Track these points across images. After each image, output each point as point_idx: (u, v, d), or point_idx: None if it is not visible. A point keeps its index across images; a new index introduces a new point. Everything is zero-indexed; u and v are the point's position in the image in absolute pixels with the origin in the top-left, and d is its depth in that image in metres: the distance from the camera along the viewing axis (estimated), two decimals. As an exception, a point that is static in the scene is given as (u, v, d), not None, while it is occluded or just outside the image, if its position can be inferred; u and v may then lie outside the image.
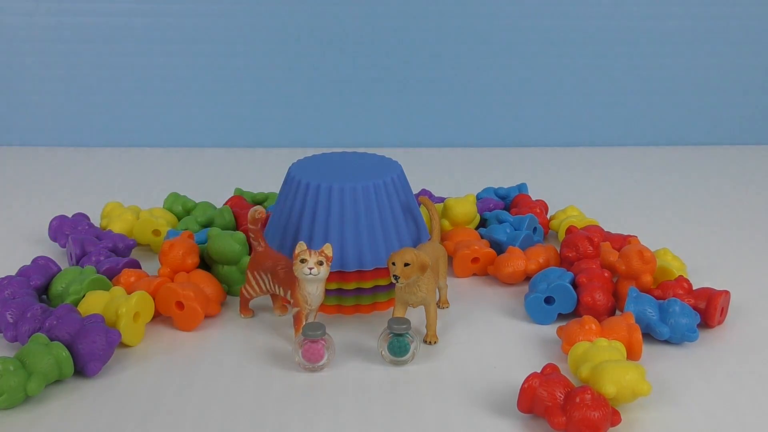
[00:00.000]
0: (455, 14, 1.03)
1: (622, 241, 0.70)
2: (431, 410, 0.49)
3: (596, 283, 0.60)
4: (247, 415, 0.48)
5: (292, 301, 0.55)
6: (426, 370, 0.54)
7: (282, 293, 0.56)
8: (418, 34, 1.04)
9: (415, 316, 0.59)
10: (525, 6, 1.03)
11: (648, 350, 0.55)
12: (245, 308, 0.60)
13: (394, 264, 0.53)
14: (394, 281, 0.53)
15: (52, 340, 0.51)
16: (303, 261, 0.53)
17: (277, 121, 1.08)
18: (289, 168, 0.63)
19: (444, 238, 0.70)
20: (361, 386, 0.52)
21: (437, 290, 0.61)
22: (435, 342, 0.57)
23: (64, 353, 0.50)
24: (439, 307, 0.62)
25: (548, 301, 0.60)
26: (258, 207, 0.57)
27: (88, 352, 0.51)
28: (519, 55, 1.05)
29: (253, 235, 0.58)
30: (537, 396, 0.47)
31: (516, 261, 0.66)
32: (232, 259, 0.63)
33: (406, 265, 0.53)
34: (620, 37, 1.05)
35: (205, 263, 0.65)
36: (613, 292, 0.61)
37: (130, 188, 0.90)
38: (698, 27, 1.06)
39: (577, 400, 0.45)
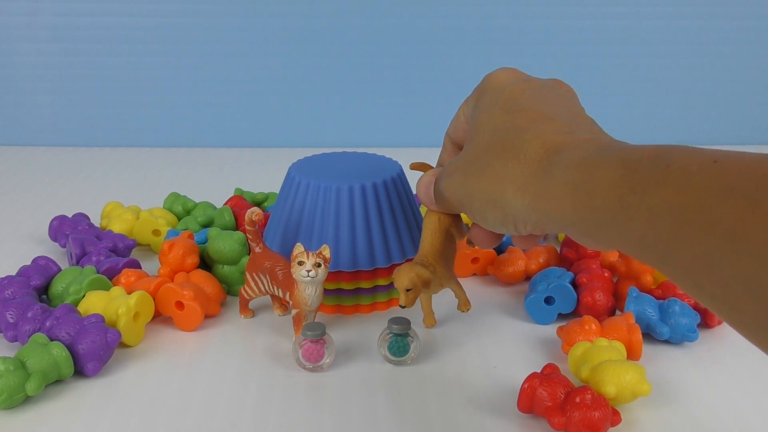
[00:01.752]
0: (456, 14, 1.03)
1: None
2: (432, 410, 0.49)
3: (596, 283, 0.60)
4: (249, 415, 0.48)
5: (291, 302, 0.55)
6: (426, 370, 0.54)
7: (281, 294, 0.56)
8: (419, 34, 1.04)
9: (442, 307, 0.59)
10: (526, 6, 1.03)
11: (648, 350, 0.55)
12: (245, 309, 0.60)
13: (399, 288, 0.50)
14: (401, 308, 0.51)
15: (51, 340, 0.51)
16: (301, 263, 0.53)
17: (277, 121, 1.08)
18: (289, 168, 0.63)
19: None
20: (362, 386, 0.52)
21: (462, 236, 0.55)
22: (469, 308, 0.55)
23: (64, 353, 0.50)
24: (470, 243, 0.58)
25: (548, 301, 0.60)
26: (255, 209, 0.57)
27: (88, 352, 0.51)
28: (519, 55, 1.05)
29: (250, 237, 0.58)
30: (537, 396, 0.47)
31: (516, 261, 0.66)
32: (232, 259, 0.63)
33: (408, 290, 0.50)
34: (621, 37, 1.05)
35: (205, 263, 0.65)
36: (613, 292, 0.61)
37: (130, 188, 0.90)
38: (697, 27, 1.06)
39: (577, 400, 0.45)
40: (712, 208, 0.28)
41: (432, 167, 0.55)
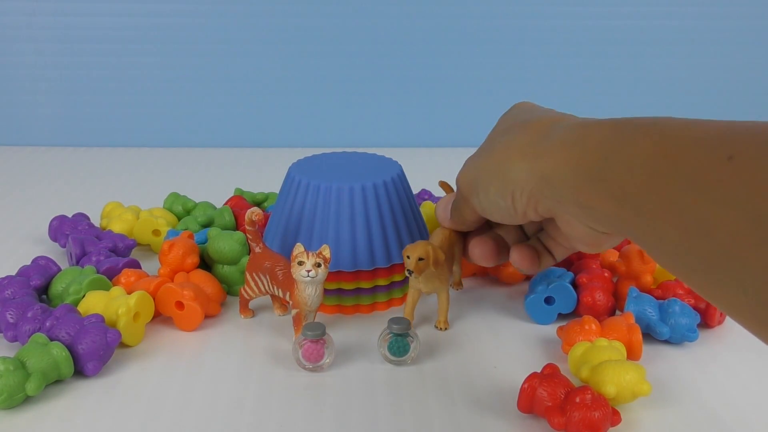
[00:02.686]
0: (456, 14, 1.03)
1: (622, 241, 0.70)
2: (432, 410, 0.49)
3: (596, 283, 0.60)
4: (250, 415, 0.48)
5: (291, 302, 0.55)
6: (426, 370, 0.54)
7: (281, 294, 0.56)
8: (418, 34, 1.04)
9: (429, 305, 0.59)
10: (526, 5, 1.03)
11: (648, 350, 0.55)
12: (245, 309, 0.60)
13: (408, 257, 0.53)
14: (407, 275, 0.54)
15: (51, 340, 0.51)
16: (301, 263, 0.53)
17: (277, 121, 1.08)
18: (289, 168, 0.63)
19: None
20: (362, 386, 0.52)
21: (452, 273, 0.61)
22: (446, 328, 0.58)
23: (64, 353, 0.50)
24: (453, 288, 0.64)
25: (548, 301, 0.60)
26: (255, 209, 0.57)
27: (88, 352, 0.51)
28: (519, 55, 1.05)
29: (250, 237, 0.58)
30: (537, 396, 0.47)
31: (516, 261, 0.66)
32: (232, 259, 0.63)
33: (420, 259, 0.53)
34: (621, 38, 1.05)
35: (205, 263, 0.65)
36: (613, 292, 0.61)
37: (130, 188, 0.90)
38: (696, 27, 1.06)
39: (577, 400, 0.45)
40: (681, 156, 0.31)
41: (453, 191, 0.61)
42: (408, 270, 0.53)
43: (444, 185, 0.63)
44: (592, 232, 0.43)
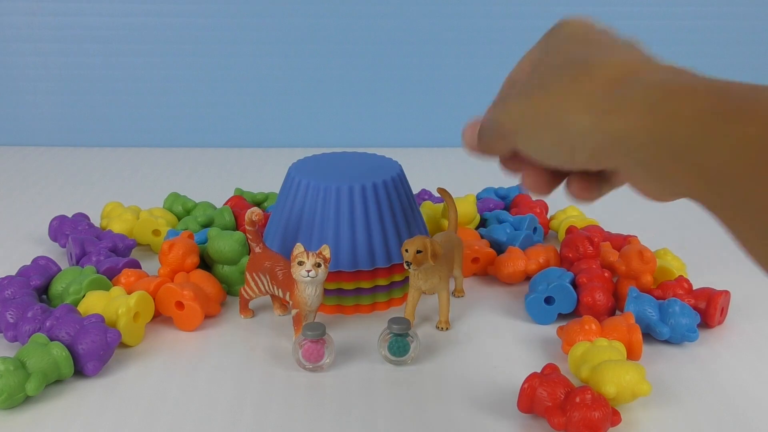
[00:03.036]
0: (455, 14, 1.03)
1: (622, 241, 0.70)
2: (432, 410, 0.49)
3: (596, 283, 0.60)
4: (249, 416, 0.48)
5: (291, 302, 0.55)
6: (426, 370, 0.54)
7: (281, 294, 0.56)
8: (418, 35, 1.04)
9: (428, 305, 0.59)
10: (526, 5, 1.03)
11: (648, 350, 0.55)
12: (245, 309, 0.60)
13: (407, 251, 0.55)
14: (406, 267, 0.55)
15: (51, 340, 0.51)
16: (301, 263, 0.53)
17: (277, 121, 1.08)
18: (289, 168, 0.63)
19: (444, 238, 0.70)
20: (362, 386, 0.52)
21: (453, 279, 0.63)
22: (447, 328, 0.59)
23: (64, 353, 0.50)
24: (454, 295, 0.64)
25: (548, 301, 0.60)
26: (255, 209, 0.57)
27: (88, 352, 0.51)
28: (519, 55, 1.05)
29: (250, 237, 0.58)
30: (537, 396, 0.47)
31: (516, 261, 0.66)
32: (232, 259, 0.63)
33: (419, 252, 0.54)
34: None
35: (205, 263, 0.65)
36: (613, 292, 0.61)
37: (130, 188, 0.90)
38: (696, 27, 1.06)
39: (577, 400, 0.45)
40: None
41: (451, 197, 0.63)
42: (407, 262, 0.54)
43: (443, 192, 0.63)
44: (662, 190, 0.38)
